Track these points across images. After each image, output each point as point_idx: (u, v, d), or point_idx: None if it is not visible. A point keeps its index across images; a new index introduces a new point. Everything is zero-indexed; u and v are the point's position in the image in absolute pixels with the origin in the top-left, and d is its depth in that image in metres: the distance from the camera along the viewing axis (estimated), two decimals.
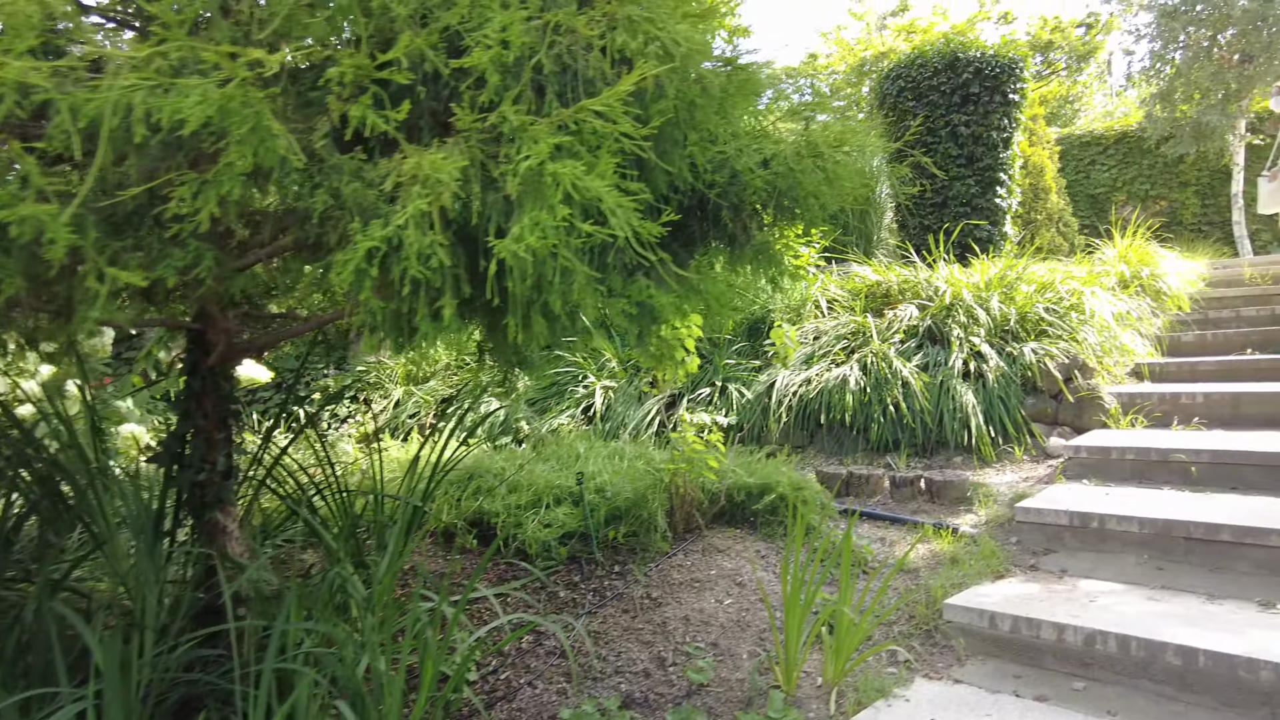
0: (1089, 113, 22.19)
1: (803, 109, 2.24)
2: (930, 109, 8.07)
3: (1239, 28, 13.86)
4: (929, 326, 5.51)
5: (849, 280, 6.39)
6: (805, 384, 5.36)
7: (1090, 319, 5.25)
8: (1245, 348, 5.55)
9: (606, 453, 4.47)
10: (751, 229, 2.05)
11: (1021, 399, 4.89)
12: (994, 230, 8.09)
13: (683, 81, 1.57)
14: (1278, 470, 3.53)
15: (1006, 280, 5.69)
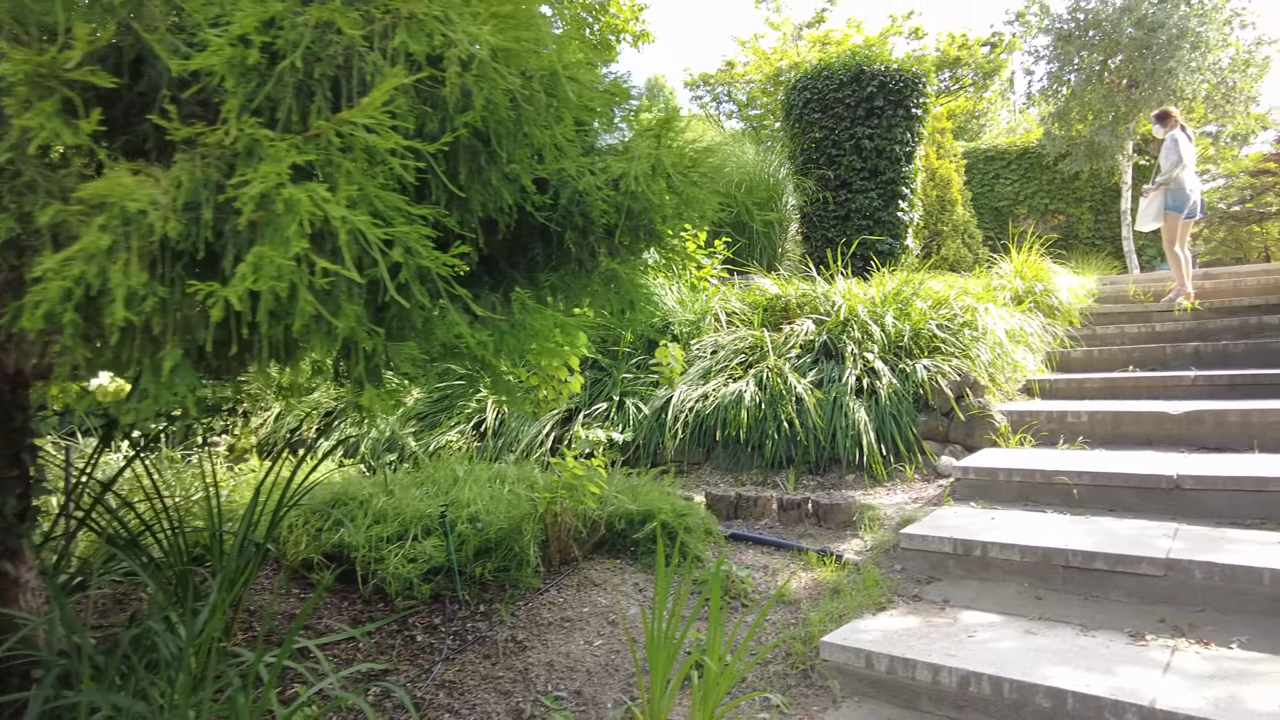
0: (994, 128, 23.00)
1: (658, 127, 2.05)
2: (835, 121, 8.10)
3: (1126, 54, 14.51)
4: (825, 342, 5.45)
5: (750, 293, 6.31)
6: (702, 400, 5.23)
7: (983, 336, 5.27)
8: (1128, 364, 5.69)
9: (488, 475, 4.22)
10: (600, 254, 1.86)
11: (914, 416, 4.86)
12: (896, 243, 8.17)
13: (492, 91, 1.37)
14: (1149, 492, 3.55)
15: (902, 296, 5.68)
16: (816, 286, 6.10)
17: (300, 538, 3.73)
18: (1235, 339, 5.88)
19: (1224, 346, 5.42)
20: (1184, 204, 7.06)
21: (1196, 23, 13.82)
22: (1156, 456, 3.93)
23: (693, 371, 5.49)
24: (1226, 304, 6.58)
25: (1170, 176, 7.08)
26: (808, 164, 8.28)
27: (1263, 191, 21.04)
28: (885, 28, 21.14)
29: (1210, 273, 8.26)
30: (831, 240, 8.17)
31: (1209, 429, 4.15)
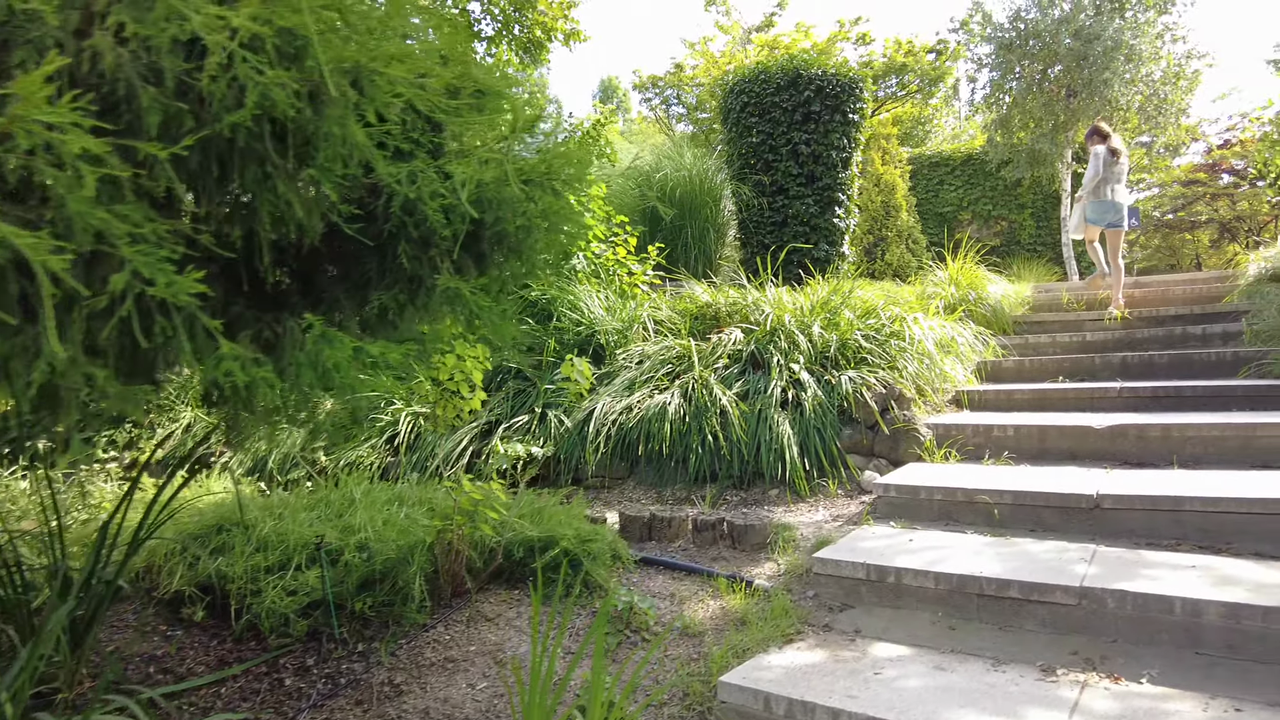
0: (939, 134, 23.28)
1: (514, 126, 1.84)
2: (772, 126, 7.98)
3: (1065, 64, 14.73)
4: (753, 352, 5.30)
5: (680, 301, 6.14)
6: (626, 412, 5.03)
7: (911, 347, 5.17)
8: (1058, 375, 5.64)
9: (386, 498, 3.96)
10: (443, 271, 1.64)
11: (838, 430, 4.72)
12: (832, 250, 8.08)
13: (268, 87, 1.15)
14: (1070, 512, 3.44)
15: (830, 305, 5.56)
16: (748, 294, 5.95)
17: (175, 567, 3.44)
18: (1161, 349, 5.88)
19: (1150, 357, 5.40)
20: (1101, 217, 7.27)
21: (1130, 35, 14.09)
22: (1079, 473, 3.84)
23: (618, 382, 5.29)
24: (1155, 313, 6.61)
25: (1088, 190, 7.33)
26: (745, 169, 8.15)
27: (1194, 201, 21.62)
28: (833, 33, 21.22)
29: (1141, 281, 8.33)
30: (768, 246, 8.04)
31: (1131, 444, 4.08)
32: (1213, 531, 3.17)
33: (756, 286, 6.12)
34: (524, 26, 7.06)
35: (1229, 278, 7.51)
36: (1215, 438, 3.89)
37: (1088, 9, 14.68)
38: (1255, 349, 5.13)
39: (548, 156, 1.78)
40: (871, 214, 15.38)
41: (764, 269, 6.55)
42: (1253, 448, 3.81)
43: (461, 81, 1.84)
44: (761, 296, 5.83)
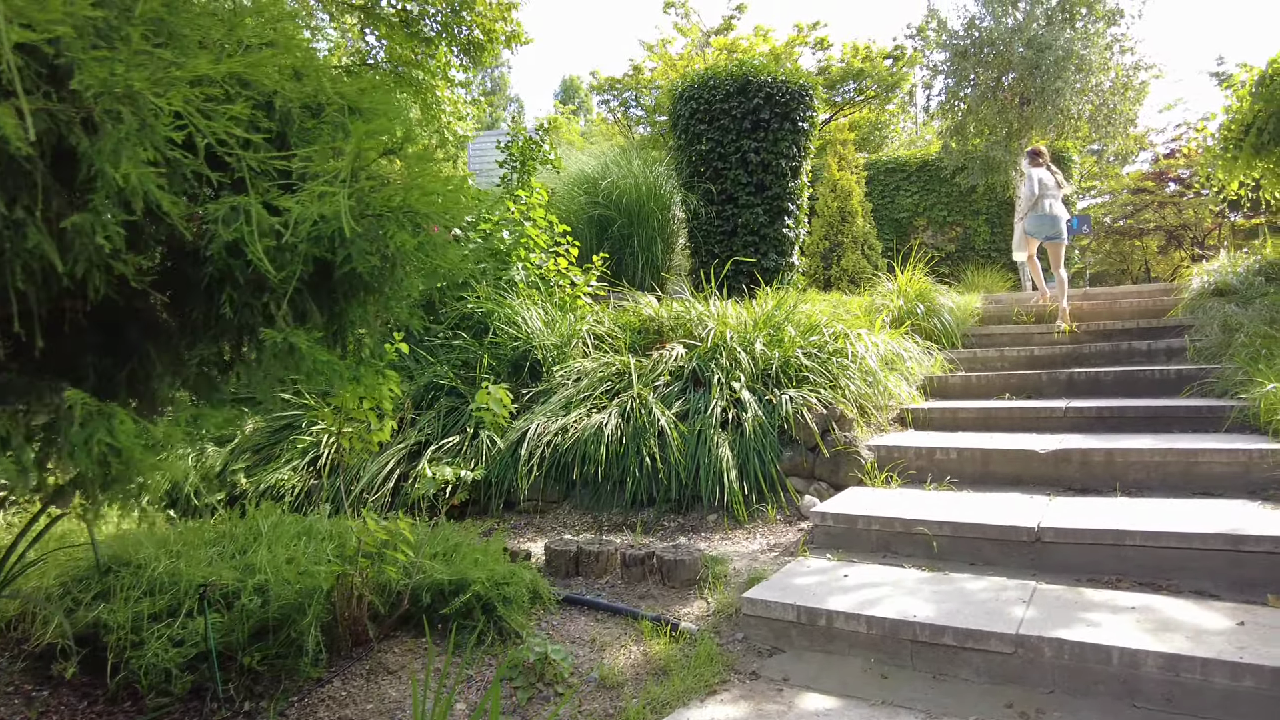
0: (895, 140, 23.42)
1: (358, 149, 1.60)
2: (721, 133, 7.82)
3: (1018, 73, 14.83)
4: (695, 369, 5.12)
5: (623, 314, 5.94)
6: (562, 432, 4.82)
7: (854, 364, 5.03)
8: (1005, 392, 5.55)
9: (296, 531, 3.69)
10: (278, 320, 1.41)
11: (779, 452, 4.56)
12: (782, 260, 7.94)
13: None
14: (1010, 545, 3.31)
15: (774, 321, 5.40)
16: (692, 308, 5.77)
17: (51, 615, 3.14)
18: (1108, 364, 5.83)
19: (1096, 375, 5.33)
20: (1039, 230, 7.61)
21: (1081, 46, 14.23)
22: (1022, 501, 3.71)
23: (554, 401, 5.07)
24: (1102, 327, 6.57)
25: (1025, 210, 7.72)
26: (694, 176, 7.98)
27: (1142, 209, 22.03)
28: (792, 37, 21.22)
29: (1090, 293, 8.34)
30: (717, 256, 7.88)
31: (1075, 469, 3.98)
32: (1154, 567, 3.05)
33: (701, 299, 5.95)
34: (464, 28, 6.82)
35: (1174, 290, 7.53)
36: (1158, 463, 3.80)
37: (1040, 19, 14.81)
38: (1197, 367, 5.08)
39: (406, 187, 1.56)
40: (827, 220, 15.33)
41: (709, 281, 6.38)
42: (1194, 474, 3.73)
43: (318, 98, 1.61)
44: (705, 310, 5.66)
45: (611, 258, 7.39)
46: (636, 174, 7.69)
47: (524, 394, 5.25)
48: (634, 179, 7.50)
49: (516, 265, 6.05)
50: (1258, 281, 6.41)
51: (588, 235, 7.49)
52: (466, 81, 8.41)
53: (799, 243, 8.22)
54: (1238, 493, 3.59)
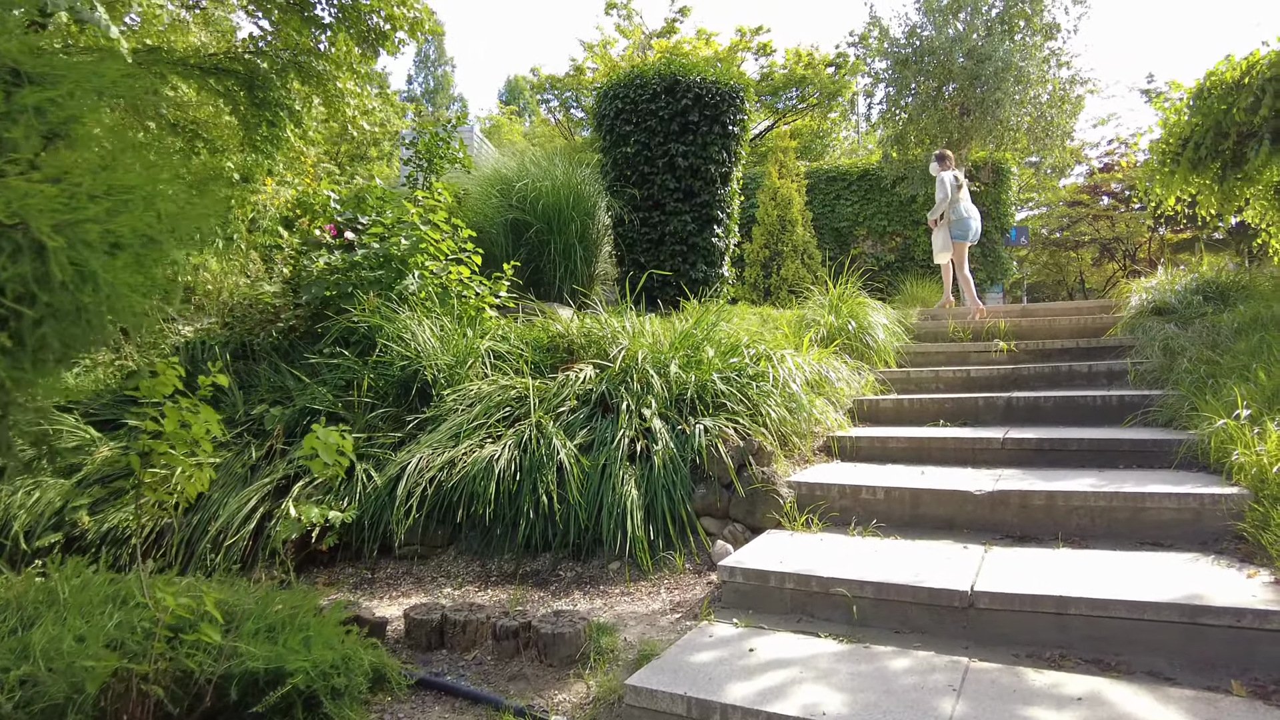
0: (837, 149, 23.33)
1: None
2: (648, 135, 7.34)
3: (959, 83, 14.73)
4: (603, 393, 4.61)
5: (531, 329, 5.39)
6: (448, 467, 4.25)
7: (777, 389, 4.58)
8: (939, 417, 5.16)
9: (105, 595, 3.06)
10: None
11: (690, 489, 4.07)
12: (711, 271, 7.49)
13: None
14: (939, 611, 2.86)
15: (692, 340, 4.92)
16: (606, 324, 5.26)
17: None
18: (1048, 388, 5.49)
19: (1036, 401, 4.97)
20: (967, 231, 8.31)
21: (1019, 58, 14.18)
22: (954, 555, 3.28)
23: (443, 430, 4.50)
24: (1041, 346, 6.26)
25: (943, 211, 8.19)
26: (620, 181, 7.49)
27: (1077, 221, 22.31)
28: (734, 41, 20.94)
29: (1029, 309, 8.08)
30: (644, 265, 7.40)
31: (1014, 513, 3.57)
32: (1102, 640, 2.63)
33: (616, 314, 5.44)
34: (362, 13, 6.21)
35: (1113, 308, 7.29)
36: (1103, 509, 3.40)
37: (980, 29, 14.73)
38: (1140, 393, 4.75)
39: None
40: (768, 228, 15.04)
41: (627, 295, 5.88)
42: (1141, 521, 3.34)
43: None
44: (620, 327, 5.15)
45: (527, 266, 6.85)
46: (557, 176, 7.16)
47: (409, 421, 4.66)
48: (553, 181, 6.96)
49: (413, 274, 5.46)
50: (1195, 300, 6.16)
51: (503, 241, 6.93)
52: (379, 74, 7.74)
53: (729, 253, 7.78)
54: (1189, 544, 3.21)
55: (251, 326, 6.18)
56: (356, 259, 5.55)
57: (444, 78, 50.79)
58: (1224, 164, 6.44)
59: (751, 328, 6.32)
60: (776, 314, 7.23)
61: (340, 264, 5.61)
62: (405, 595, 3.92)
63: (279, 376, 5.38)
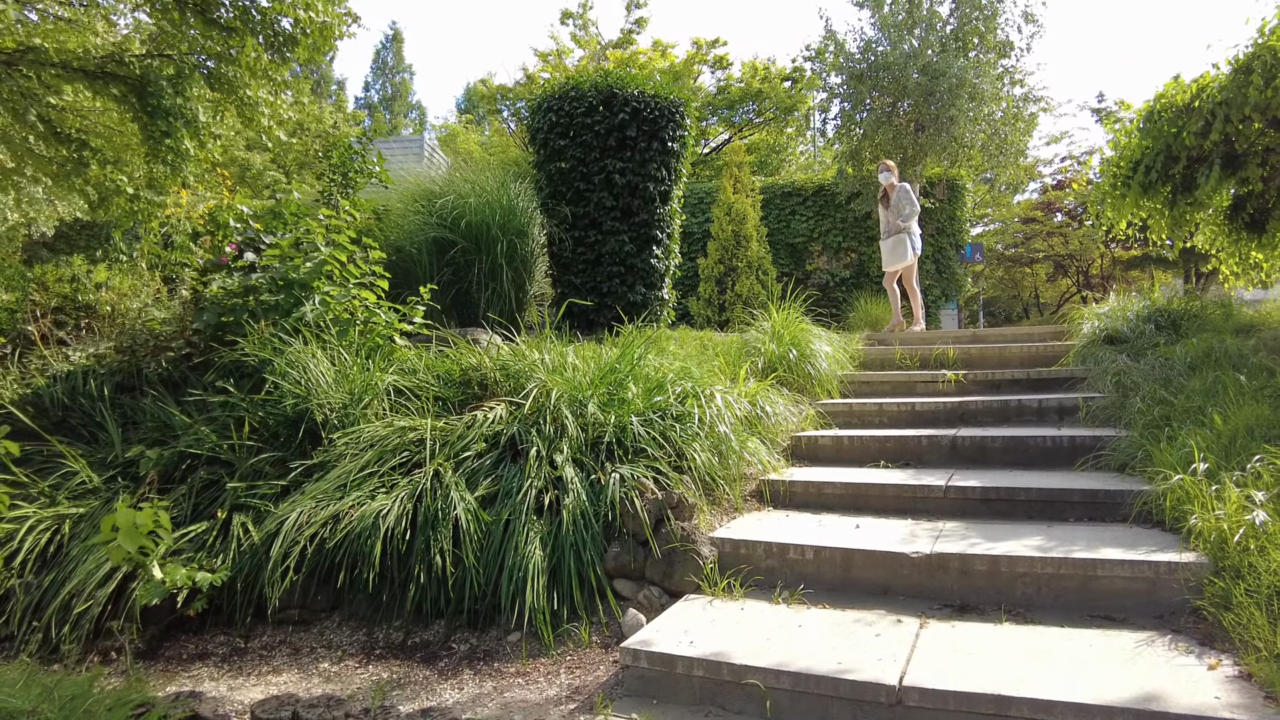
0: (793, 164, 23.20)
1: None
2: (584, 151, 6.94)
3: (913, 99, 14.61)
4: (514, 435, 4.18)
5: (442, 361, 4.95)
6: (332, 522, 3.79)
7: (705, 431, 4.19)
8: (880, 457, 4.82)
9: None
10: None
11: (602, 548, 3.66)
12: (650, 294, 7.11)
13: None
14: (865, 708, 2.48)
15: (616, 375, 4.52)
16: (525, 355, 4.84)
17: None
18: (996, 423, 5.19)
19: (983, 441, 4.65)
20: (919, 246, 8.51)
21: (974, 75, 14.09)
22: (884, 632, 2.90)
23: (331, 478, 4.03)
24: (990, 377, 5.97)
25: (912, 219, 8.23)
26: (554, 198, 7.07)
27: (1031, 238, 22.43)
28: (691, 54, 20.70)
29: (980, 335, 7.82)
30: (579, 288, 6.99)
31: (954, 579, 3.21)
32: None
33: (534, 345, 5.02)
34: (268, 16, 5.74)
35: (1065, 334, 7.05)
36: (1050, 576, 3.06)
37: (934, 45, 14.63)
38: (1092, 434, 4.45)
39: None
40: (722, 244, 14.75)
41: (558, 320, 5.47)
42: (1092, 590, 3.00)
43: None
44: (538, 359, 4.73)
45: (450, 289, 6.40)
46: (489, 191, 6.74)
47: (294, 468, 4.19)
48: (483, 197, 6.53)
49: (314, 300, 4.99)
50: (1148, 330, 5.93)
51: (425, 262, 6.47)
52: (295, 81, 7.24)
53: (670, 274, 7.40)
54: (1144, 618, 2.88)
55: (145, 354, 5.64)
56: (252, 282, 5.06)
57: (402, 85, 50.06)
58: (1174, 188, 6.24)
59: (691, 354, 5.95)
60: (720, 339, 6.87)
61: (235, 287, 5.12)
62: (276, 671, 3.45)
63: (167, 412, 4.87)
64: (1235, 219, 6.48)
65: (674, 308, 7.36)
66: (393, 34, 49.78)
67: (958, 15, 14.84)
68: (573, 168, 6.94)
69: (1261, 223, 6.29)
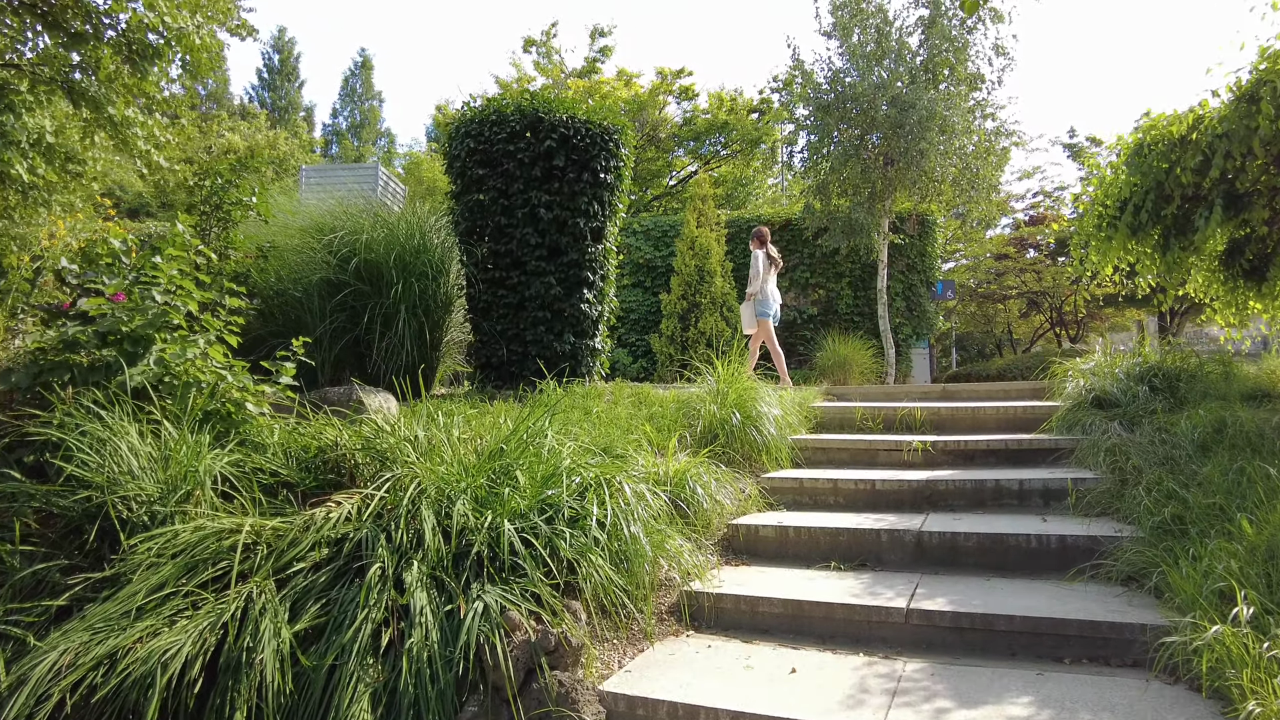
0: (760, 197, 22.62)
1: None
2: (505, 181, 6.11)
3: (883, 132, 14.03)
4: (364, 540, 3.28)
5: (298, 436, 4.05)
6: (108, 663, 2.86)
7: (607, 532, 3.32)
8: (831, 555, 3.98)
9: None
10: None
11: (455, 708, 2.76)
12: (580, 343, 6.26)
13: None
14: None
15: (503, 460, 3.64)
16: (398, 431, 3.96)
17: None
18: (969, 508, 4.38)
19: (954, 539, 3.81)
20: (768, 310, 8.92)
21: (944, 107, 13.54)
22: None
23: (121, 598, 3.10)
24: (963, 445, 5.16)
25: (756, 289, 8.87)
26: (473, 234, 6.24)
27: (1004, 274, 21.95)
28: (656, 83, 20.10)
29: (950, 391, 7.03)
30: (501, 335, 6.13)
31: None
32: None
33: (411, 416, 4.14)
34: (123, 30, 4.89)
35: (1045, 391, 6.28)
36: None
37: (904, 76, 14.09)
38: (1086, 533, 3.63)
39: None
40: (685, 279, 14.07)
41: (423, 382, 4.60)
42: None
43: None
44: (410, 437, 3.85)
45: (339, 339, 5.52)
46: (387, 225, 5.89)
47: (75, 584, 3.25)
48: (379, 232, 5.68)
49: (150, 358, 4.09)
50: (1141, 392, 5.16)
51: (317, 307, 5.59)
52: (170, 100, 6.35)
53: (604, 320, 6.56)
54: None
55: None
56: (73, 335, 4.15)
57: (371, 112, 49.43)
58: (1166, 230, 5.53)
59: (619, 417, 5.11)
60: (659, 394, 6.03)
61: (54, 342, 4.21)
62: None
63: None
64: (1232, 264, 5.78)
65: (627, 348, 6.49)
66: (362, 61, 49.28)
67: (928, 46, 14.33)
68: (493, 200, 6.11)
69: (1261, 270, 5.58)
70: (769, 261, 8.97)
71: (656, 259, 16.49)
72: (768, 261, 8.94)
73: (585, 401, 5.47)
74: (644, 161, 20.53)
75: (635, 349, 15.98)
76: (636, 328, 16.19)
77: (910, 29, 14.62)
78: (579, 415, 5.02)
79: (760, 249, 8.90)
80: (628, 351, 15.79)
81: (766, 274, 8.89)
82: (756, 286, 8.83)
